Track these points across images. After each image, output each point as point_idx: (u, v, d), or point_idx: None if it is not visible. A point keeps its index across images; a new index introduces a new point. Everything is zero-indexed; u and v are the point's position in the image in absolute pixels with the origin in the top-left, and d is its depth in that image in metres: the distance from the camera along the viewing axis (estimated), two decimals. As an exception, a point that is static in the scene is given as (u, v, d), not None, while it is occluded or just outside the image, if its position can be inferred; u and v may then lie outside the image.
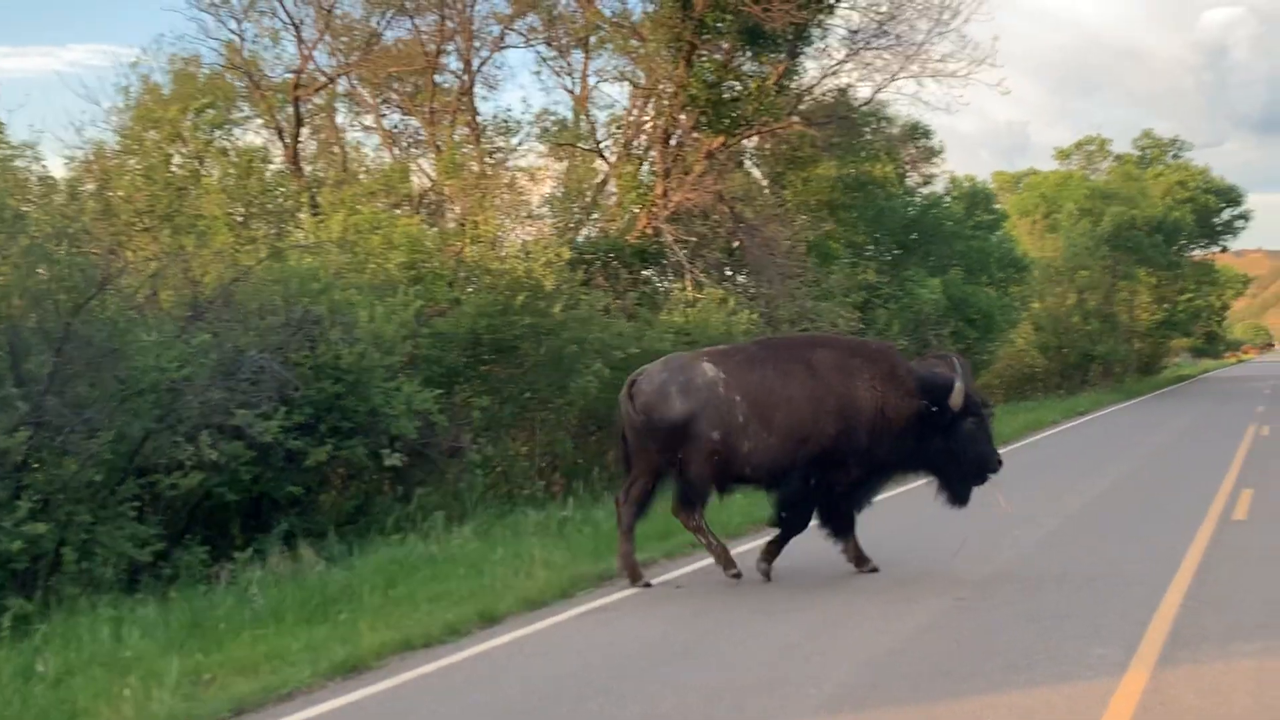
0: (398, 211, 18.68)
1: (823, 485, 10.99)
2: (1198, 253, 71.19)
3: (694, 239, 23.02)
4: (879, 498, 11.82)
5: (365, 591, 10.25)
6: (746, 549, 12.13)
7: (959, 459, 11.08)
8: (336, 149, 24.01)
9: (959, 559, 11.41)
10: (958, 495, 11.34)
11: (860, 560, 11.23)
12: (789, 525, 11.17)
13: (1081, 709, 6.89)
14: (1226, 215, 69.86)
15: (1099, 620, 9.06)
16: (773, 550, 11.15)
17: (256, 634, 9.03)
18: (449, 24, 22.84)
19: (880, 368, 11.08)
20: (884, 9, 23.78)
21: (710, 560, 11.58)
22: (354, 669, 8.22)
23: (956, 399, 10.81)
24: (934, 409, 10.86)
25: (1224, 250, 75.42)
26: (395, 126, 25.06)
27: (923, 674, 7.68)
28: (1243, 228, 71.56)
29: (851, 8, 23.81)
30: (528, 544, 12.11)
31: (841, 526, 11.26)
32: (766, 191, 28.07)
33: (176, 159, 18.23)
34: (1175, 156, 70.53)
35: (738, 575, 10.83)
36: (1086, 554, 11.93)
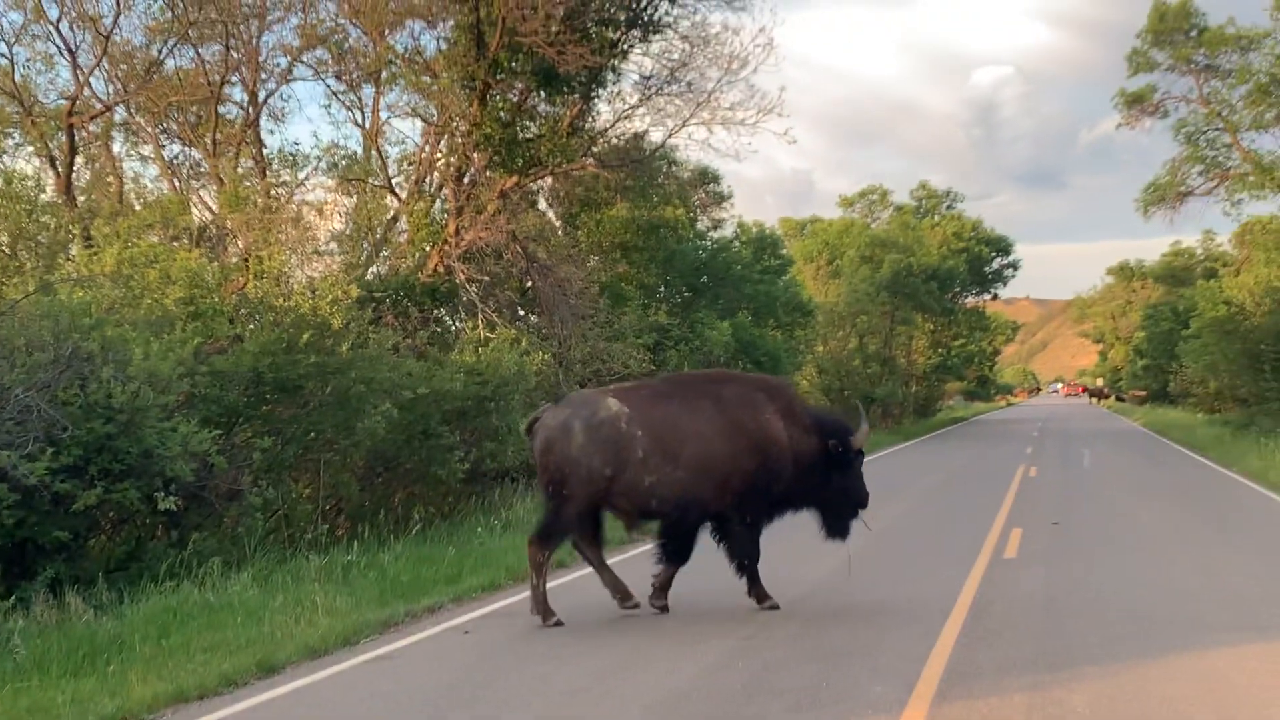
0: (176, 245, 18.03)
1: (728, 516, 11.36)
2: (971, 300, 74.75)
3: (486, 278, 22.91)
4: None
5: (136, 641, 9.86)
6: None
7: (848, 496, 11.74)
8: (113, 179, 23.13)
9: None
10: (839, 530, 11.90)
11: (661, 592, 11.42)
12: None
13: (862, 747, 7.04)
14: (997, 264, 73.55)
15: (878, 658, 9.29)
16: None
17: (18, 687, 8.63)
18: (234, 54, 22.27)
19: (780, 403, 11.58)
20: (676, 56, 24.19)
21: (499, 604, 11.52)
22: (123, 723, 7.84)
23: (861, 440, 11.67)
24: (840, 449, 11.46)
25: (995, 298, 79.38)
26: (175, 157, 24.32)
27: (709, 715, 7.72)
28: (1012, 276, 75.54)
29: (645, 54, 24.16)
30: (309, 590, 11.79)
31: (684, 553, 11.53)
32: (560, 232, 28.20)
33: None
34: (950, 208, 74.03)
35: (559, 623, 10.78)
36: (866, 592, 12.23)
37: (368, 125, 25.00)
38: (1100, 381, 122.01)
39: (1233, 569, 13.60)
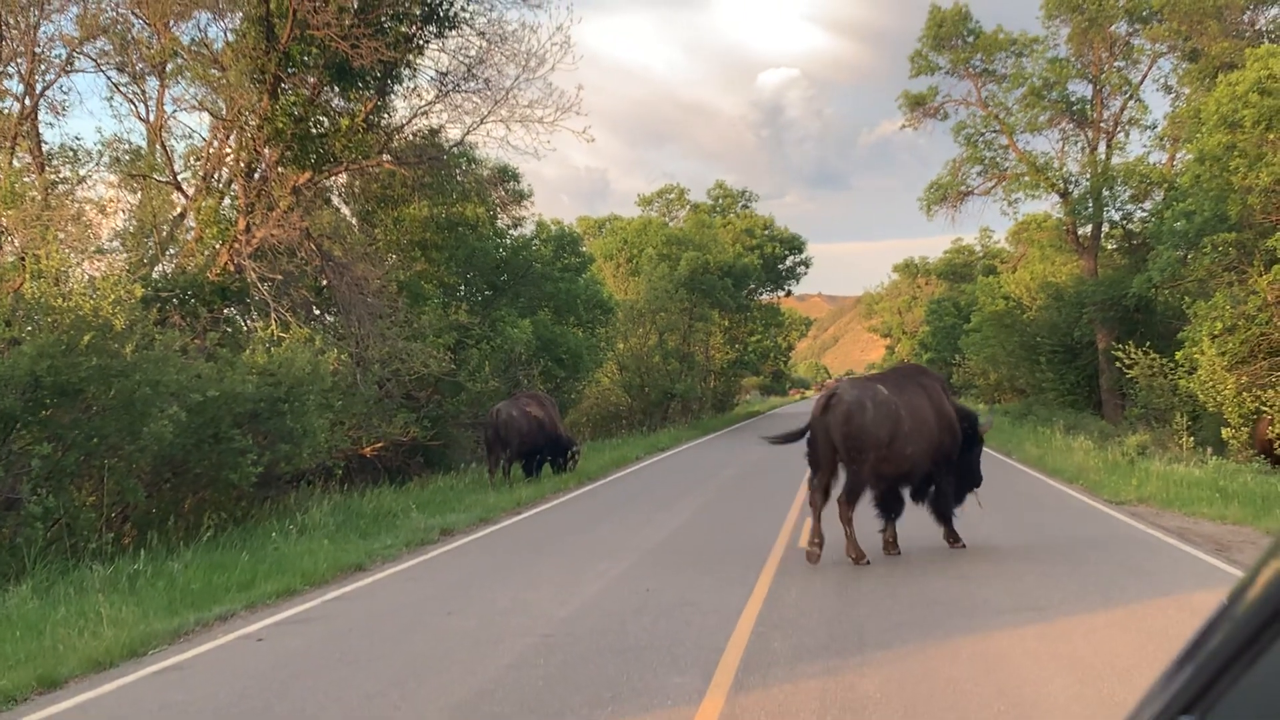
0: (-54, 243, 17.10)
1: (937, 479, 14.64)
2: (765, 297, 76.45)
3: (279, 277, 22.34)
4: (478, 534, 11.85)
5: (-97, 661, 9.30)
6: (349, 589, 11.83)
7: (973, 472, 14.98)
8: (-126, 172, 21.76)
9: (550, 601, 11.56)
10: (961, 499, 14.95)
11: (894, 543, 14.36)
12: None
13: (660, 738, 7.13)
14: (790, 262, 75.40)
15: (677, 650, 9.43)
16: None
17: None
18: (9, 44, 21.21)
19: (949, 394, 14.87)
20: (473, 53, 24.03)
21: (295, 610, 11.34)
22: (-113, 748, 7.43)
23: (986, 427, 15.21)
24: (973, 431, 14.80)
25: (788, 295, 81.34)
26: (-55, 151, 23.00)
27: (510, 713, 7.71)
28: (804, 274, 77.52)
29: (441, 50, 23.93)
30: (94, 601, 11.35)
31: (901, 509, 14.54)
32: (356, 230, 27.68)
33: None
34: (745, 206, 75.53)
35: (867, 562, 13.58)
36: (666, 585, 12.40)
37: (152, 119, 24.09)
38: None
39: (1013, 553, 14.26)
